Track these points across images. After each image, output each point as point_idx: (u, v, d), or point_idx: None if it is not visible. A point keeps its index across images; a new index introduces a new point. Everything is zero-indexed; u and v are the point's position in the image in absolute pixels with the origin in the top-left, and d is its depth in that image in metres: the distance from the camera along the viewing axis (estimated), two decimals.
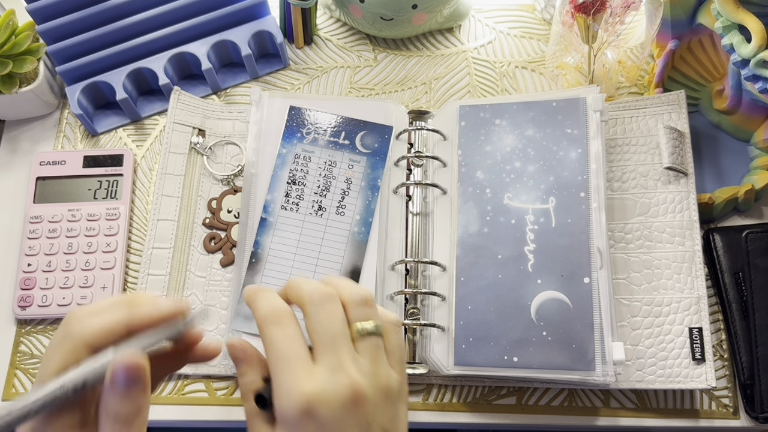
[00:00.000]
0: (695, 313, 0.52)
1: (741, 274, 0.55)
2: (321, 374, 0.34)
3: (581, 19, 0.55)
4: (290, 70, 0.65)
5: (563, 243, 0.51)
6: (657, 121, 0.57)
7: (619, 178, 0.56)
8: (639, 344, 0.52)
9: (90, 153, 0.60)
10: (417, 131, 0.58)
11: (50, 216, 0.57)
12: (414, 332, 0.53)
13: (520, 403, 0.53)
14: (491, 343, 0.49)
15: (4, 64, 0.57)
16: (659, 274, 0.53)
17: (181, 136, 0.59)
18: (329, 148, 0.56)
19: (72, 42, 0.60)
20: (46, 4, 0.60)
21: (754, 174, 0.58)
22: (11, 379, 0.54)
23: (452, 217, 0.54)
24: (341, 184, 0.55)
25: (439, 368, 0.51)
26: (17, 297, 0.55)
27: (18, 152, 0.62)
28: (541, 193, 0.53)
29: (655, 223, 0.55)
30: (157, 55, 0.62)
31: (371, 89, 0.64)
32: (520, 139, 0.55)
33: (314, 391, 0.33)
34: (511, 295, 0.50)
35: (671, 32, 0.59)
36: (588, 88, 0.55)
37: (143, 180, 0.61)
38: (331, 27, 0.67)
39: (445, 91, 0.64)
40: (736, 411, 0.53)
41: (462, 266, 0.52)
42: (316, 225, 0.54)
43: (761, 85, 0.49)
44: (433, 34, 0.67)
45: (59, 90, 0.64)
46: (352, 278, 0.52)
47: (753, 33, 0.48)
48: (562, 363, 0.48)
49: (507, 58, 0.65)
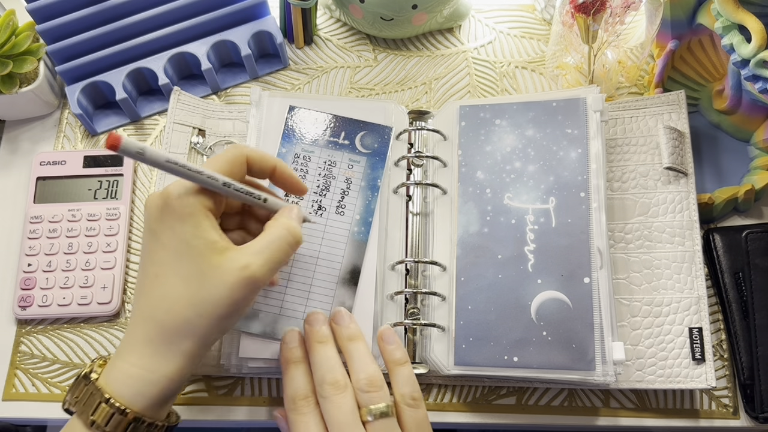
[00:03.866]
0: (695, 313, 0.52)
1: (741, 274, 0.55)
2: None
3: (581, 19, 0.55)
4: (290, 70, 0.65)
5: (563, 243, 0.51)
6: (657, 121, 0.57)
7: (619, 178, 0.56)
8: (639, 344, 0.52)
9: (90, 153, 0.60)
10: (417, 131, 0.58)
11: (50, 216, 0.57)
12: (414, 332, 0.53)
13: (520, 403, 0.53)
14: (491, 343, 0.50)
15: (4, 64, 0.57)
16: (659, 274, 0.53)
17: (181, 136, 0.59)
18: (329, 148, 0.56)
19: (72, 42, 0.60)
20: (46, 4, 0.60)
21: (754, 174, 0.58)
22: (11, 379, 0.54)
23: (452, 217, 0.54)
24: (341, 183, 0.55)
25: (439, 368, 0.51)
26: (17, 297, 0.55)
27: (18, 152, 0.62)
28: (541, 193, 0.53)
29: (655, 223, 0.55)
30: (157, 55, 0.62)
31: (371, 89, 0.64)
32: (520, 139, 0.55)
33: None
34: (511, 295, 0.50)
35: (671, 32, 0.59)
36: (588, 88, 0.55)
37: (143, 180, 0.61)
38: (331, 27, 0.67)
39: (445, 91, 0.64)
40: (736, 411, 0.53)
41: (462, 266, 0.52)
42: (315, 225, 0.54)
43: (761, 85, 0.49)
44: (433, 34, 0.67)
45: (59, 90, 0.64)
46: (351, 278, 0.52)
47: (753, 33, 0.48)
48: (562, 363, 0.48)
49: (507, 58, 0.65)
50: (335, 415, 0.43)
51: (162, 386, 0.41)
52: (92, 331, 0.55)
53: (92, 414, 0.40)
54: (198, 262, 0.40)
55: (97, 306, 0.55)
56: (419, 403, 0.45)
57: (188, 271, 0.40)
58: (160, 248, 0.41)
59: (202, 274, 0.40)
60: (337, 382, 0.44)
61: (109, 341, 0.55)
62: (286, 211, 0.45)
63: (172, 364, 0.41)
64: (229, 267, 0.40)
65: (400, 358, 0.47)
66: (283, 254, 0.43)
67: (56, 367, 0.54)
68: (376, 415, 0.43)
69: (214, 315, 0.41)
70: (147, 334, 0.41)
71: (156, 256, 0.42)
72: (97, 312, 0.55)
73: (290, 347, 0.47)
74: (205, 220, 0.41)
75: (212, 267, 0.40)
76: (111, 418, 0.40)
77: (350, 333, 0.47)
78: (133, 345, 0.42)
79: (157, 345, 0.41)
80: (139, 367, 0.41)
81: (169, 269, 0.41)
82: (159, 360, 0.41)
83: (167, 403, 0.43)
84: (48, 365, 0.54)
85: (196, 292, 0.40)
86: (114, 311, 0.55)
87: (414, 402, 0.44)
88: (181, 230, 0.41)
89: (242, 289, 0.41)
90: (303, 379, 0.45)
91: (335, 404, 0.43)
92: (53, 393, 0.53)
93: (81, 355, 0.55)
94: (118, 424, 0.40)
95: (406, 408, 0.44)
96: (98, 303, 0.55)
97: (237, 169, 0.44)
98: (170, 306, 0.41)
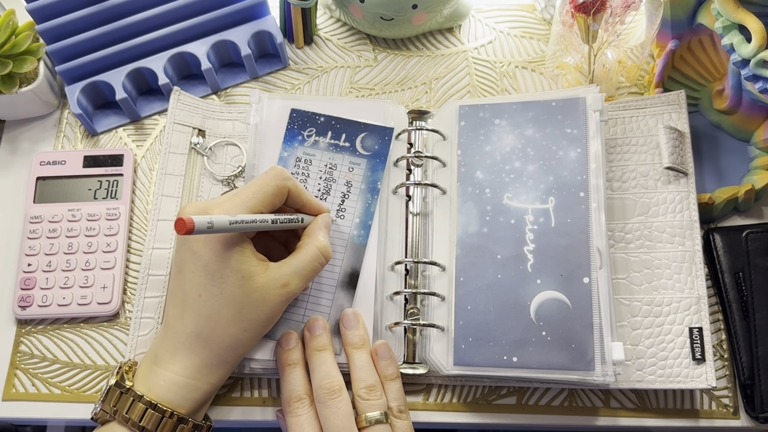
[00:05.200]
0: (695, 313, 0.52)
1: (741, 274, 0.55)
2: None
3: (581, 19, 0.55)
4: (290, 70, 0.65)
5: (563, 243, 0.51)
6: (657, 121, 0.57)
7: (619, 178, 0.56)
8: (639, 344, 0.52)
9: (90, 153, 0.60)
10: (417, 131, 0.58)
11: (50, 216, 0.57)
12: (413, 332, 0.53)
13: (520, 403, 0.53)
14: (491, 343, 0.49)
15: (4, 64, 0.57)
16: (659, 274, 0.53)
17: (181, 136, 0.59)
18: (330, 151, 0.56)
19: (72, 41, 0.60)
20: (46, 4, 0.60)
21: (754, 174, 0.58)
22: (11, 379, 0.54)
23: (452, 217, 0.54)
24: (341, 186, 0.55)
25: (439, 368, 0.51)
26: (17, 297, 0.55)
27: (18, 152, 0.62)
28: (540, 193, 0.53)
29: (655, 223, 0.55)
30: (157, 55, 0.62)
31: (371, 89, 0.64)
32: (519, 139, 0.55)
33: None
34: (510, 295, 0.50)
35: (671, 32, 0.59)
36: (588, 88, 0.55)
37: (143, 180, 0.61)
38: (331, 27, 0.67)
39: (445, 91, 0.64)
40: (736, 411, 0.53)
41: (461, 266, 0.52)
42: None
43: (761, 85, 0.49)
44: (433, 34, 0.67)
45: (59, 90, 0.64)
46: (350, 282, 0.52)
47: (753, 33, 0.48)
48: (561, 363, 0.48)
49: (507, 58, 0.65)
50: (331, 420, 0.45)
51: (205, 391, 0.46)
52: (92, 331, 0.55)
53: (140, 420, 0.44)
54: (241, 285, 0.44)
55: (97, 306, 0.55)
56: (405, 414, 0.48)
57: (233, 293, 0.44)
58: (202, 271, 0.44)
59: (246, 296, 0.44)
60: (333, 387, 0.46)
61: (109, 341, 0.55)
62: (316, 229, 0.49)
63: (218, 374, 0.46)
64: (270, 286, 0.45)
65: (391, 374, 0.49)
66: (316, 271, 0.48)
67: (56, 367, 0.54)
68: (371, 421, 0.46)
69: (258, 329, 0.46)
70: (192, 347, 0.45)
71: (199, 278, 0.44)
72: (96, 312, 0.55)
73: (286, 350, 0.49)
74: (247, 247, 0.45)
75: (255, 289, 0.44)
76: (160, 423, 0.43)
77: (355, 340, 0.50)
78: (176, 356, 0.45)
79: (204, 358, 0.45)
80: (185, 376, 0.44)
81: (213, 291, 0.44)
82: (206, 371, 0.45)
83: (207, 404, 0.48)
84: (48, 365, 0.54)
85: (240, 312, 0.44)
86: (114, 311, 0.55)
87: (401, 414, 0.48)
88: (226, 256, 0.44)
89: (282, 304, 0.46)
90: (298, 382, 0.47)
91: (331, 409, 0.45)
92: (53, 393, 0.53)
93: (81, 355, 0.55)
94: (164, 426, 0.44)
95: (394, 419, 0.48)
96: (98, 303, 0.55)
97: (279, 200, 0.47)
98: (216, 324, 0.45)
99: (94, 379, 0.54)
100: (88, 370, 0.54)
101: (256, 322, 0.45)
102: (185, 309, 0.45)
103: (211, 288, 0.44)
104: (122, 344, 0.55)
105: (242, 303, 0.44)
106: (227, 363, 0.46)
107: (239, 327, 0.45)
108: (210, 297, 0.44)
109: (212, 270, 0.44)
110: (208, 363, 0.45)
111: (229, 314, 0.44)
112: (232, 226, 0.42)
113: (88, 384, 0.54)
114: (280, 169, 0.47)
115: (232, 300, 0.44)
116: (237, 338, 0.45)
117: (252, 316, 0.45)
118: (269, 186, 0.46)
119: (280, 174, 0.47)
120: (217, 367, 0.46)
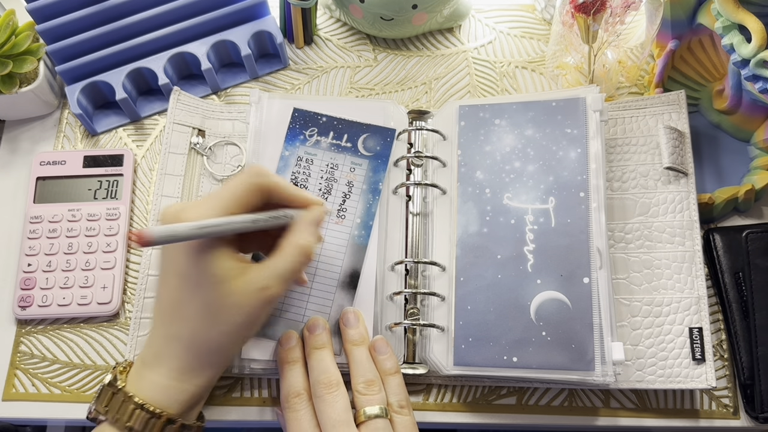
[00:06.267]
0: (695, 313, 0.52)
1: (741, 274, 0.55)
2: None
3: (581, 19, 0.55)
4: (290, 70, 0.65)
5: (563, 243, 0.51)
6: (657, 121, 0.57)
7: (619, 178, 0.56)
8: (639, 344, 0.52)
9: (90, 153, 0.60)
10: (417, 131, 0.58)
11: (50, 216, 0.57)
12: (413, 332, 0.53)
13: (520, 403, 0.53)
14: (491, 343, 0.49)
15: (4, 64, 0.57)
16: (659, 274, 0.53)
17: (181, 136, 0.59)
18: (331, 151, 0.56)
19: (72, 42, 0.60)
20: (46, 4, 0.60)
21: (754, 174, 0.58)
22: (11, 379, 0.54)
23: (452, 217, 0.54)
24: (342, 187, 0.55)
25: (439, 368, 0.51)
26: (17, 297, 0.55)
27: (18, 152, 0.62)
28: (540, 193, 0.53)
29: (655, 223, 0.55)
30: (157, 55, 0.62)
31: (371, 89, 0.64)
32: (519, 139, 0.55)
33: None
34: (510, 295, 0.50)
35: (671, 32, 0.59)
36: (587, 88, 0.55)
37: (143, 180, 0.61)
38: (331, 27, 0.67)
39: (445, 91, 0.64)
40: (736, 411, 0.53)
41: (461, 266, 0.52)
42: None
43: (761, 85, 0.49)
44: (433, 34, 0.67)
45: (59, 90, 0.64)
46: (350, 282, 0.52)
47: (753, 33, 0.48)
48: (561, 363, 0.48)
49: (507, 58, 0.65)
50: (328, 413, 0.45)
51: (193, 393, 0.45)
52: (92, 331, 0.55)
53: (128, 420, 0.43)
54: (216, 289, 0.43)
55: (97, 306, 0.55)
56: (407, 410, 0.47)
57: (207, 298, 0.43)
58: (178, 275, 0.44)
59: (221, 299, 0.43)
60: (330, 381, 0.46)
61: (108, 341, 0.55)
62: (298, 226, 0.46)
63: (203, 376, 0.45)
64: (247, 290, 0.43)
65: (390, 368, 0.49)
66: (298, 272, 0.46)
67: (56, 367, 0.54)
68: (370, 416, 0.45)
69: (239, 333, 0.45)
70: (173, 351, 0.44)
71: (175, 282, 0.44)
72: (96, 312, 0.55)
73: (286, 348, 0.49)
74: (224, 250, 0.44)
75: (231, 293, 0.43)
76: (147, 423, 0.43)
77: (354, 338, 0.50)
78: (161, 360, 0.44)
79: (185, 362, 0.44)
80: (171, 379, 0.44)
81: (187, 295, 0.43)
82: (189, 374, 0.45)
83: (199, 405, 0.47)
84: (48, 365, 0.54)
85: (216, 316, 0.43)
86: (114, 311, 0.55)
87: (401, 409, 0.47)
88: (199, 259, 0.43)
89: (262, 308, 0.44)
90: (297, 378, 0.48)
91: (328, 403, 0.45)
92: (53, 393, 0.53)
93: (81, 355, 0.55)
94: (153, 427, 0.43)
95: (395, 415, 0.47)
96: (98, 303, 0.55)
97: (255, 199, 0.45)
98: (193, 328, 0.44)
99: (94, 379, 0.54)
100: (88, 370, 0.54)
101: (234, 326, 0.44)
102: (164, 313, 0.45)
103: (185, 292, 0.43)
104: (122, 344, 0.55)
105: (218, 307, 0.43)
106: (212, 366, 0.45)
107: (217, 331, 0.44)
108: (186, 301, 0.43)
109: (186, 275, 0.43)
110: (191, 366, 0.44)
111: (205, 319, 0.43)
112: (197, 231, 0.41)
113: (88, 384, 0.54)
114: (256, 166, 0.46)
115: (207, 304, 0.43)
116: (217, 342, 0.44)
117: (229, 320, 0.43)
118: (242, 185, 0.45)
119: (255, 171, 0.45)
120: (200, 370, 0.45)
